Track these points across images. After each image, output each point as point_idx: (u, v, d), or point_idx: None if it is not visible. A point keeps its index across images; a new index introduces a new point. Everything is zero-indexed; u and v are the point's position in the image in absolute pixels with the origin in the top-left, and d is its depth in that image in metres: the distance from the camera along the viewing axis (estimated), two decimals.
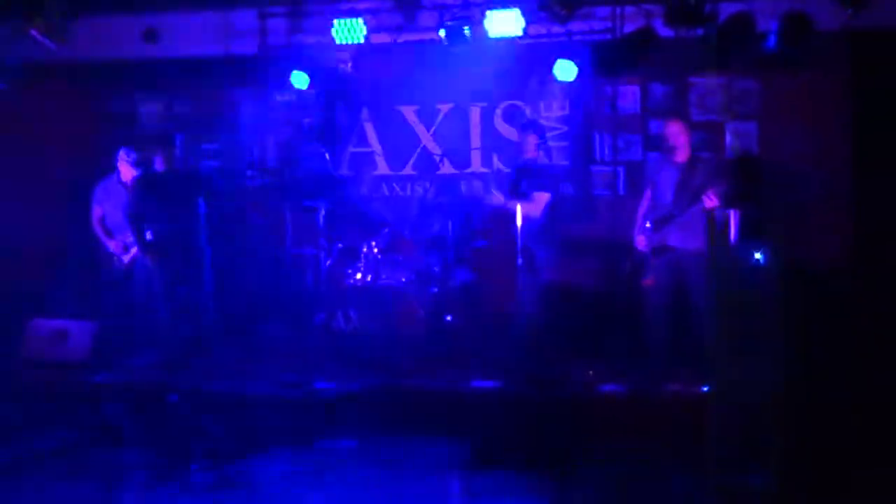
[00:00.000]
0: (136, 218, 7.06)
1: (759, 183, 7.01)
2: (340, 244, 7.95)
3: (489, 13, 7.32)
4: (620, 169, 8.27)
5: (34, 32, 7.33)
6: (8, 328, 7.22)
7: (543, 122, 8.16)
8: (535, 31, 7.57)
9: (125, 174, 7.49)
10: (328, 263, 7.97)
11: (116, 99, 8.89)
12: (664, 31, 7.03)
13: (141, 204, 7.05)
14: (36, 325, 7.30)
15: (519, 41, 7.53)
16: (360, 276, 7.67)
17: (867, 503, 4.04)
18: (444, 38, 7.36)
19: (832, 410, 4.16)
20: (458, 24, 7.30)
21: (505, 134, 8.47)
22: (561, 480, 5.28)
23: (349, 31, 7.69)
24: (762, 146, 7.86)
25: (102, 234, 7.57)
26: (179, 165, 7.22)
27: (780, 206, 5.02)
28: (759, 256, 5.35)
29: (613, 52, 7.25)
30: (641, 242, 6.65)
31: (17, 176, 7.98)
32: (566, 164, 8.23)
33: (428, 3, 7.70)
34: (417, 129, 8.62)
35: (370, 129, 8.75)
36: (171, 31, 8.24)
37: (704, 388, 4.99)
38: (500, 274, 7.43)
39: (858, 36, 7.24)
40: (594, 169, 8.32)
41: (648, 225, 6.65)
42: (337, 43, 7.72)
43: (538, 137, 7.26)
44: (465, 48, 7.39)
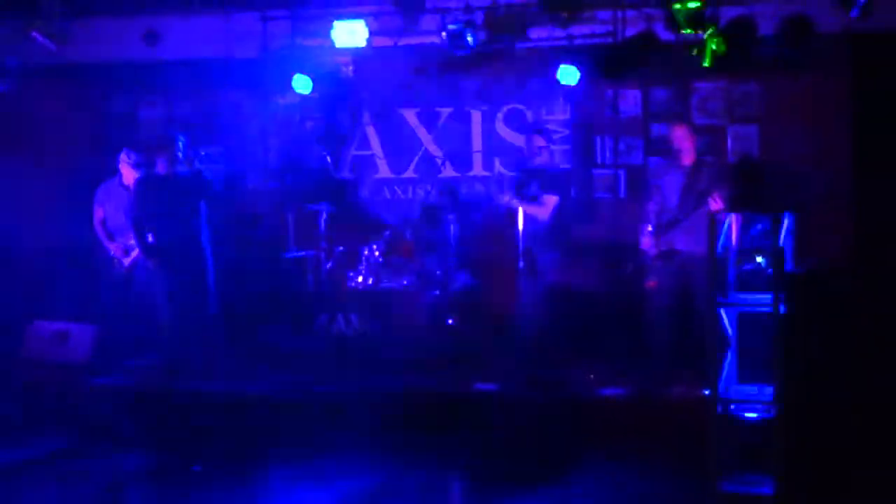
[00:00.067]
0: (137, 220, 7.06)
1: (761, 186, 7.01)
2: (341, 247, 7.95)
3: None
4: (621, 172, 8.27)
5: (35, 34, 7.34)
6: (9, 329, 7.22)
7: (545, 125, 8.16)
8: (536, 34, 7.57)
9: (127, 176, 7.48)
10: (329, 266, 7.97)
11: (117, 101, 8.89)
12: (665, 34, 7.04)
13: (142, 206, 7.05)
14: (36, 326, 7.30)
15: (521, 44, 7.52)
16: (361, 279, 7.68)
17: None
18: (445, 41, 7.37)
19: (832, 411, 4.16)
20: (459, 27, 7.30)
21: (506, 137, 8.46)
22: (562, 483, 5.28)
23: (350, 34, 7.69)
24: (763, 149, 7.86)
25: (103, 236, 7.56)
26: (181, 168, 7.21)
27: (780, 208, 5.01)
28: (760, 259, 5.36)
29: (615, 55, 7.26)
30: (647, 246, 6.64)
31: (17, 177, 7.97)
32: (568, 167, 8.24)
33: (429, 6, 7.71)
34: (419, 132, 8.62)
35: (371, 132, 8.74)
36: (172, 33, 8.23)
37: (706, 391, 4.98)
38: (501, 277, 7.43)
39: (859, 38, 7.24)
40: (595, 172, 8.32)
41: (650, 228, 6.64)
42: (338, 46, 7.73)
43: (546, 141, 7.27)
44: (466, 51, 7.40)
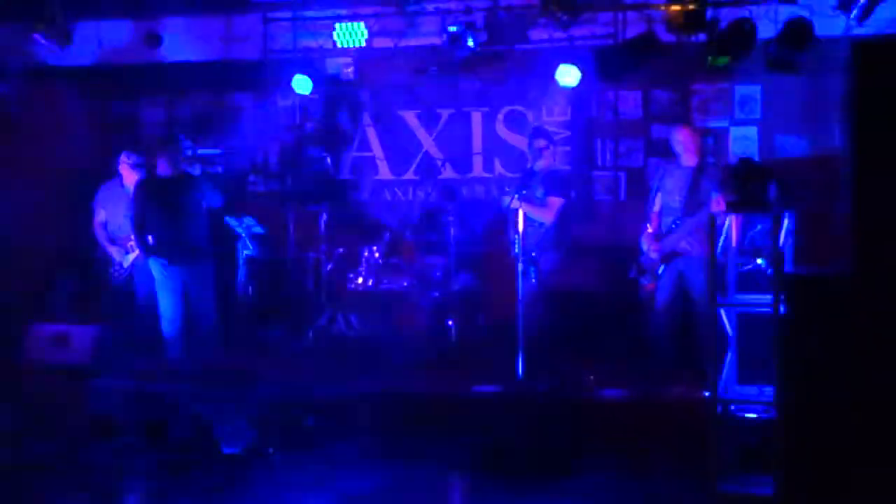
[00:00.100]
0: (138, 221, 7.07)
1: (760, 188, 7.00)
2: (342, 248, 7.96)
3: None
4: (622, 174, 8.28)
5: (37, 36, 7.35)
6: (9, 331, 7.22)
7: (545, 127, 8.17)
8: (537, 36, 7.58)
9: (127, 178, 7.48)
10: (329, 268, 7.98)
11: (119, 103, 8.90)
12: (666, 36, 7.05)
13: (144, 208, 7.05)
14: (37, 328, 7.30)
15: (521, 46, 7.54)
16: (361, 280, 7.68)
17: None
18: (445, 42, 7.38)
19: (832, 412, 4.16)
20: (460, 29, 7.31)
21: (507, 139, 8.47)
22: (563, 484, 5.28)
23: (351, 35, 7.70)
24: (763, 151, 7.86)
25: (104, 238, 7.56)
26: (183, 170, 7.22)
27: (780, 209, 5.01)
28: (760, 262, 5.37)
29: (615, 57, 7.28)
30: (648, 247, 6.64)
31: (18, 179, 7.98)
32: (568, 168, 8.24)
33: (430, 7, 7.72)
34: (419, 133, 8.63)
35: (372, 133, 8.76)
36: (173, 35, 8.25)
37: (706, 392, 4.99)
38: (501, 278, 7.43)
39: (859, 41, 7.23)
40: (595, 174, 8.33)
41: (650, 230, 6.65)
42: (339, 48, 7.74)
43: (547, 143, 7.26)
44: (466, 52, 7.41)
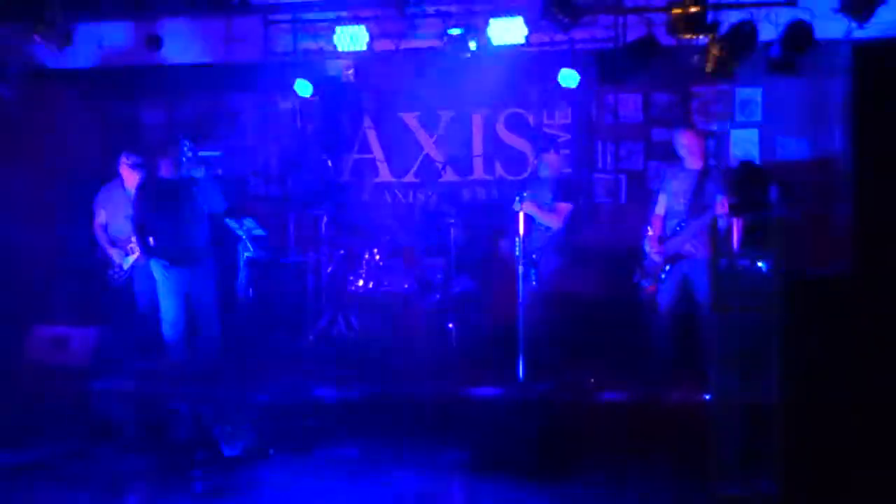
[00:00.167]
0: (140, 223, 7.07)
1: (762, 191, 7.00)
2: (342, 251, 7.95)
3: (492, 21, 7.33)
4: (622, 177, 8.28)
5: (38, 38, 7.34)
6: (9, 334, 7.21)
7: (546, 129, 8.17)
8: (538, 39, 7.58)
9: (128, 179, 7.49)
10: (330, 270, 7.97)
11: (119, 105, 8.89)
12: (666, 39, 7.05)
13: (145, 209, 7.05)
14: (37, 330, 7.29)
15: (521, 49, 7.53)
16: (361, 282, 7.67)
17: None
18: (446, 45, 7.37)
19: (833, 414, 4.16)
20: (460, 31, 7.30)
21: (507, 141, 8.47)
22: (563, 487, 5.27)
23: (352, 38, 7.70)
24: (764, 154, 7.86)
25: (104, 240, 7.56)
26: (185, 172, 7.22)
27: (781, 213, 5.02)
28: (761, 264, 5.36)
29: (616, 60, 7.27)
30: (652, 250, 6.65)
31: (19, 181, 7.97)
32: (569, 171, 8.24)
33: (430, 10, 7.71)
34: (420, 136, 8.63)
35: (372, 136, 8.76)
36: (174, 37, 8.24)
37: (706, 395, 4.98)
38: (501, 281, 7.42)
39: (860, 45, 7.25)
40: (596, 177, 8.33)
41: (650, 232, 6.65)
42: (339, 50, 7.74)
43: (556, 154, 7.26)
44: (467, 55, 7.40)
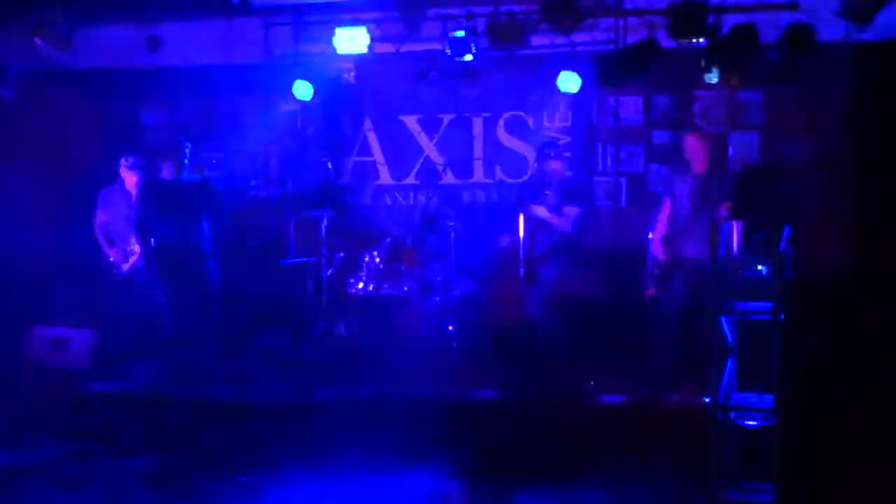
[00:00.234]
0: (141, 224, 7.08)
1: (762, 193, 7.01)
2: (342, 253, 7.95)
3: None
4: (623, 180, 8.28)
5: (39, 41, 7.35)
6: (9, 335, 7.21)
7: (546, 132, 8.18)
8: (538, 41, 7.58)
9: (129, 181, 7.50)
10: (330, 272, 7.97)
11: (120, 107, 8.91)
12: (667, 42, 7.05)
13: (147, 210, 7.07)
14: (36, 331, 7.29)
15: (522, 51, 7.52)
16: (361, 285, 7.67)
17: None
18: (448, 48, 7.38)
19: (832, 418, 4.16)
20: (461, 34, 7.32)
21: (508, 144, 8.47)
22: (563, 490, 5.26)
23: (352, 40, 7.70)
24: (764, 156, 7.86)
25: (104, 241, 7.57)
26: (187, 174, 7.23)
27: (782, 216, 5.02)
28: (761, 267, 5.35)
29: (616, 63, 7.27)
30: (656, 253, 6.65)
31: (19, 183, 7.98)
32: (569, 174, 8.24)
33: (431, 13, 7.71)
34: (420, 138, 8.63)
35: (373, 138, 8.76)
36: (175, 39, 8.25)
37: (706, 399, 4.97)
38: (502, 283, 7.42)
39: (860, 47, 7.25)
40: (596, 180, 8.33)
41: (650, 235, 6.66)
42: (340, 52, 7.74)
43: (559, 160, 7.27)
44: (468, 58, 7.41)
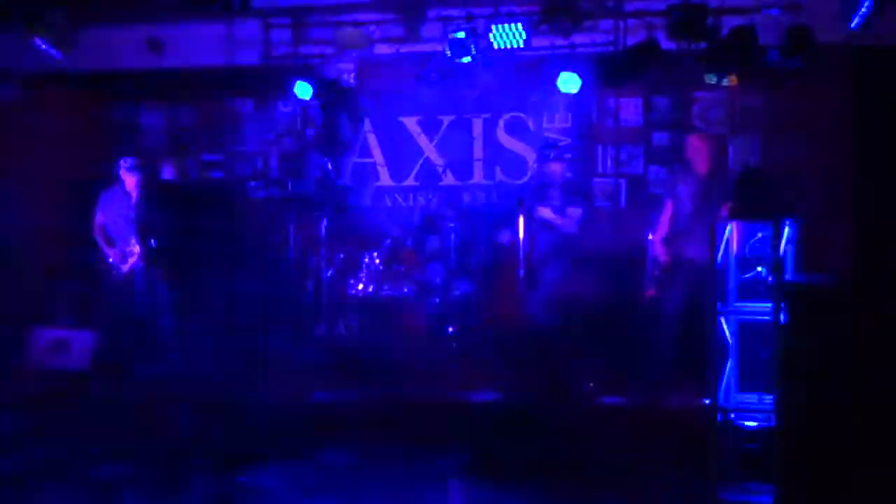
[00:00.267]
0: (142, 224, 7.08)
1: (762, 195, 7.01)
2: (342, 254, 7.95)
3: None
4: (622, 181, 8.28)
5: (39, 42, 7.35)
6: (9, 335, 7.21)
7: (546, 133, 8.18)
8: (538, 43, 7.59)
9: (129, 183, 7.50)
10: (329, 274, 7.97)
11: (120, 109, 8.91)
12: (667, 44, 7.05)
13: (148, 211, 7.07)
14: (37, 334, 7.30)
15: (522, 53, 7.53)
16: (361, 286, 7.67)
17: None
18: (447, 49, 7.38)
19: (832, 420, 4.16)
20: (461, 35, 7.32)
21: (508, 145, 8.47)
22: (562, 492, 5.26)
23: (352, 41, 7.69)
24: (764, 158, 7.86)
25: (103, 242, 7.57)
26: (188, 175, 7.24)
27: (781, 217, 5.02)
28: (760, 269, 5.36)
29: (616, 64, 7.28)
30: (657, 254, 6.66)
31: (20, 184, 7.98)
32: (569, 175, 8.23)
33: (432, 14, 7.72)
34: (420, 140, 8.63)
35: (373, 139, 8.76)
36: (175, 41, 8.25)
37: (706, 400, 4.97)
38: (501, 285, 7.42)
39: (860, 49, 7.25)
40: (596, 181, 8.33)
41: (650, 237, 6.66)
42: (340, 53, 7.74)
43: (560, 163, 7.27)
44: (468, 60, 7.41)
